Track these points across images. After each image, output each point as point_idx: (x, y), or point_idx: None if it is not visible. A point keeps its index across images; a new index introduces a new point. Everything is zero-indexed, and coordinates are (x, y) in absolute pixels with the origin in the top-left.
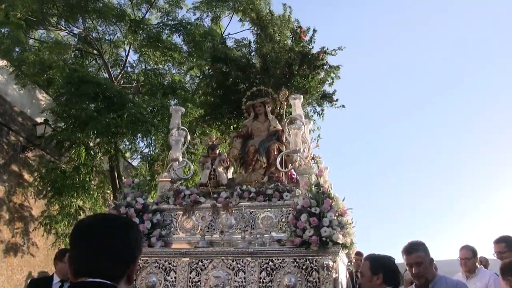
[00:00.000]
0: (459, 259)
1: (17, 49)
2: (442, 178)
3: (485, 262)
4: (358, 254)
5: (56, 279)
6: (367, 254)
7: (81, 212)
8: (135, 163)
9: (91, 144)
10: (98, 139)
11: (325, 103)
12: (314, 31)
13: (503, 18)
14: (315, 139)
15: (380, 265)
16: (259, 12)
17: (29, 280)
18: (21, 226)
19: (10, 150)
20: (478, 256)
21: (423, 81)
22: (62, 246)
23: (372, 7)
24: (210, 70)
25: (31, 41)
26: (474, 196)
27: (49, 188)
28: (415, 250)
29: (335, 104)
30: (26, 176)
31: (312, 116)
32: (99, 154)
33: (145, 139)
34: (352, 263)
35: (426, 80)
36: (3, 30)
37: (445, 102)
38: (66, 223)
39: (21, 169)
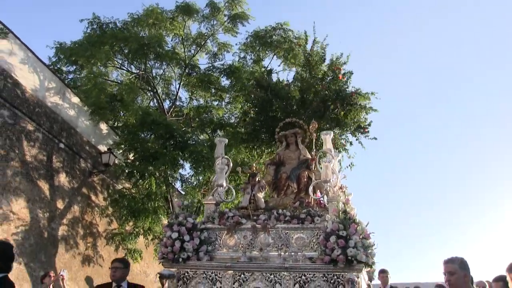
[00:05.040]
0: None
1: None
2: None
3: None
4: (383, 271)
5: (114, 284)
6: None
7: (149, 232)
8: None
9: (158, 175)
10: (162, 172)
11: (358, 134)
12: (351, 73)
13: None
14: (348, 166)
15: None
16: (299, 56)
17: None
18: (91, 241)
19: (81, 175)
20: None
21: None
22: (130, 260)
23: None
24: (252, 96)
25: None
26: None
27: (125, 212)
28: (451, 261)
29: (368, 136)
30: (93, 197)
31: (345, 145)
32: (164, 183)
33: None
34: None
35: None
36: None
37: None
38: (136, 241)
39: (89, 191)
